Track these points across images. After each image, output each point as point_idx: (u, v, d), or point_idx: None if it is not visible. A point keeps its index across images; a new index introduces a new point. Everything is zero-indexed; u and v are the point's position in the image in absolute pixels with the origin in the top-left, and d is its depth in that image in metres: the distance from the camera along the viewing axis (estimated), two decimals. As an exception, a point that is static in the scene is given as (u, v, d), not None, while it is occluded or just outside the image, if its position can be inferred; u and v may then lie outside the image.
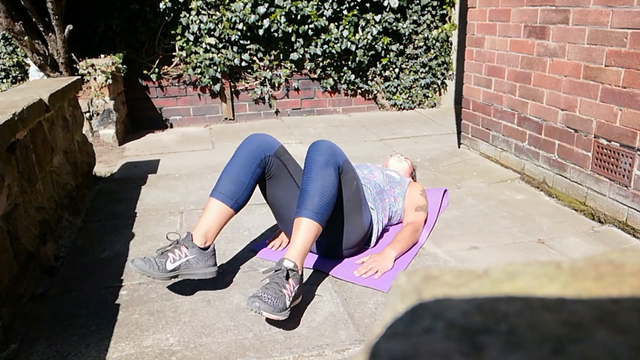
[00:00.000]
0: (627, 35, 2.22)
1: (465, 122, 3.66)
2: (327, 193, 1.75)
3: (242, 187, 1.87)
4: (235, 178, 1.88)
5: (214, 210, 1.85)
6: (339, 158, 1.85)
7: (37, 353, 1.58)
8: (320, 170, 1.77)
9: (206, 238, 1.82)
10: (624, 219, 2.32)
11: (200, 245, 1.80)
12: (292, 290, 1.63)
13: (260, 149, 1.93)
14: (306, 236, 1.71)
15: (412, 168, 2.66)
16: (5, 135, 1.80)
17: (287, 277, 1.63)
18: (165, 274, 1.74)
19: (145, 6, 4.38)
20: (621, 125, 2.30)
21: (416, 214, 2.28)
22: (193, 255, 1.78)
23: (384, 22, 4.79)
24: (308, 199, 1.73)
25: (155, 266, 1.73)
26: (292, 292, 1.63)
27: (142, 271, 1.72)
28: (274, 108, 4.97)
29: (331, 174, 1.78)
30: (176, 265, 1.76)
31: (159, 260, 1.74)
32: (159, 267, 1.73)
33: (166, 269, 1.74)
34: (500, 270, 0.35)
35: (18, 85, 3.90)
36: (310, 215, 1.72)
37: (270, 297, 1.55)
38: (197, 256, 1.79)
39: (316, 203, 1.73)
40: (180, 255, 1.77)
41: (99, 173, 3.33)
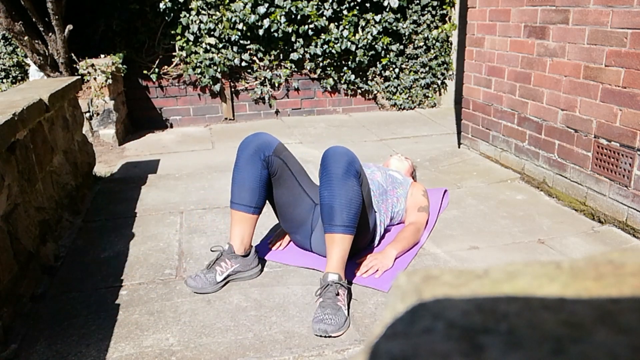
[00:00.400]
0: (627, 35, 2.22)
1: (465, 122, 3.66)
2: (354, 204, 1.79)
3: (254, 193, 1.94)
4: (245, 186, 1.94)
5: (239, 220, 1.95)
6: (357, 164, 1.84)
7: (37, 353, 1.58)
8: (343, 183, 1.78)
9: (244, 245, 1.96)
10: (624, 219, 2.32)
11: (242, 254, 1.95)
12: (344, 299, 1.73)
13: (259, 151, 1.93)
14: (342, 248, 1.79)
15: (412, 168, 2.66)
16: (5, 135, 1.80)
17: (337, 292, 1.72)
18: (217, 286, 1.90)
19: (145, 6, 4.38)
20: (621, 125, 2.30)
21: (418, 214, 2.28)
22: (238, 264, 1.94)
23: (384, 22, 4.79)
24: (337, 216, 1.77)
25: (207, 282, 1.88)
26: (345, 300, 1.73)
27: (197, 289, 1.87)
28: (274, 108, 4.97)
29: (354, 185, 1.80)
30: (225, 276, 1.92)
31: (209, 276, 1.89)
32: (210, 282, 1.88)
33: (217, 281, 1.89)
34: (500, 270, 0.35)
35: (18, 85, 3.90)
36: (342, 230, 1.78)
37: (331, 317, 1.64)
38: (242, 264, 1.95)
39: (345, 217, 1.77)
40: (227, 267, 1.92)
41: (99, 173, 3.33)
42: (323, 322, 1.62)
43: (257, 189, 1.93)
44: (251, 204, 1.93)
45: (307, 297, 1.85)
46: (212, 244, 2.27)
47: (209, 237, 2.35)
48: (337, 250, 1.78)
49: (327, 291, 1.71)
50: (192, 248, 2.25)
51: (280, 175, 1.98)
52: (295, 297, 1.85)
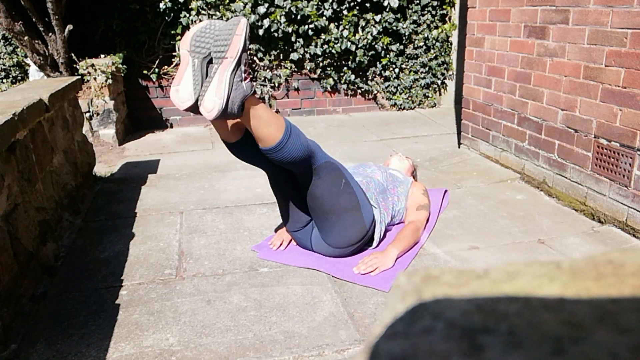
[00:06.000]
0: (627, 35, 2.22)
1: (465, 122, 3.66)
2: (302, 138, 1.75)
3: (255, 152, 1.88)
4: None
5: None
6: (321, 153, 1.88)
7: (37, 353, 1.58)
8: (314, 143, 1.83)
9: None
10: (624, 219, 2.32)
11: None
12: (245, 77, 1.60)
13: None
14: (272, 113, 1.70)
15: (413, 167, 2.66)
16: (5, 135, 1.80)
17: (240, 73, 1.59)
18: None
19: (145, 6, 4.38)
20: (621, 125, 2.30)
21: (418, 213, 2.28)
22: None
23: (384, 22, 4.79)
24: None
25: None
26: (245, 77, 1.59)
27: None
28: (274, 108, 4.97)
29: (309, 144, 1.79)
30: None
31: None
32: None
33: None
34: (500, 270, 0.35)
35: (18, 85, 3.90)
36: (287, 122, 1.72)
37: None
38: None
39: (294, 127, 1.74)
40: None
41: (99, 173, 3.33)
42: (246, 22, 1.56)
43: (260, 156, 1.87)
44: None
45: (307, 297, 1.85)
46: (212, 244, 2.27)
47: (209, 237, 2.35)
48: (270, 111, 1.71)
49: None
50: (192, 248, 2.25)
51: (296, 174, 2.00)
52: (295, 297, 1.85)
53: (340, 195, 1.93)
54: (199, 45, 1.58)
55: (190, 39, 1.59)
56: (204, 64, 1.57)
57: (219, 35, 1.57)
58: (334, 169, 1.91)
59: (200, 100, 1.55)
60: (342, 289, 1.90)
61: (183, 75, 1.59)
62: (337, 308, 1.78)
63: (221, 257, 2.16)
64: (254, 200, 2.81)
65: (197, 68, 1.57)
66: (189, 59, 1.59)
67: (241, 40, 1.53)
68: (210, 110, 1.53)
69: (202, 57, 1.57)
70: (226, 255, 2.18)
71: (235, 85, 1.56)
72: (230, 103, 1.56)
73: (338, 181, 1.92)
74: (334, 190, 1.91)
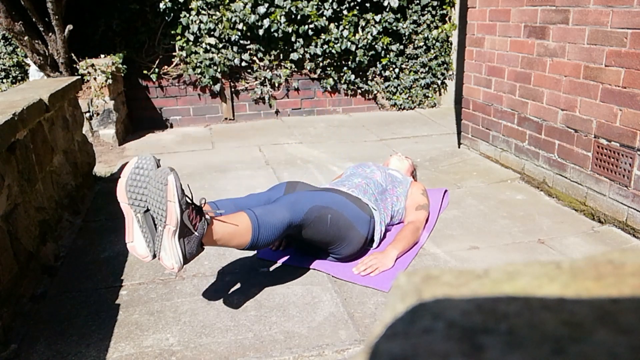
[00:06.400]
0: (627, 35, 2.22)
1: (465, 122, 3.66)
2: (273, 218, 1.69)
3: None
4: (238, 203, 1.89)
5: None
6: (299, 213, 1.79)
7: (37, 353, 1.58)
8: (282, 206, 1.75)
9: None
10: (624, 219, 2.32)
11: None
12: (190, 217, 1.50)
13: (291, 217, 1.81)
14: (234, 222, 1.61)
15: (412, 167, 2.66)
16: (5, 135, 1.80)
17: (195, 209, 1.52)
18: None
19: (145, 6, 4.38)
20: (621, 125, 2.30)
21: (417, 213, 2.28)
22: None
23: (384, 22, 4.79)
24: (259, 209, 1.70)
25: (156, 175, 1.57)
26: (189, 217, 1.49)
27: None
28: (274, 108, 4.97)
29: (285, 216, 1.73)
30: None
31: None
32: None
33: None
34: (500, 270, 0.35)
35: (18, 85, 3.90)
36: (251, 215, 1.65)
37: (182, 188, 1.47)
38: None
39: (261, 214, 1.68)
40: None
41: (99, 173, 3.33)
42: (174, 176, 1.47)
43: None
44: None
45: (307, 297, 1.85)
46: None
47: (209, 237, 2.35)
48: (232, 219, 1.61)
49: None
50: (192, 248, 2.25)
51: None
52: (295, 297, 1.85)
53: (330, 229, 1.90)
54: (136, 197, 1.51)
55: (125, 191, 1.51)
56: (148, 217, 1.50)
57: (150, 186, 1.49)
58: (315, 213, 1.84)
59: (158, 256, 1.49)
60: (342, 289, 1.90)
61: (133, 231, 1.52)
62: (337, 308, 1.78)
63: (221, 257, 2.15)
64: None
65: (142, 223, 1.51)
66: (131, 214, 1.52)
67: (176, 206, 1.44)
68: (172, 268, 1.47)
69: (142, 210, 1.50)
70: (226, 255, 2.17)
71: (186, 241, 1.49)
72: (188, 255, 1.50)
73: (324, 220, 1.88)
74: (323, 229, 1.88)
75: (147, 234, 1.50)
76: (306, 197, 1.87)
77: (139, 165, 1.53)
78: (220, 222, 1.59)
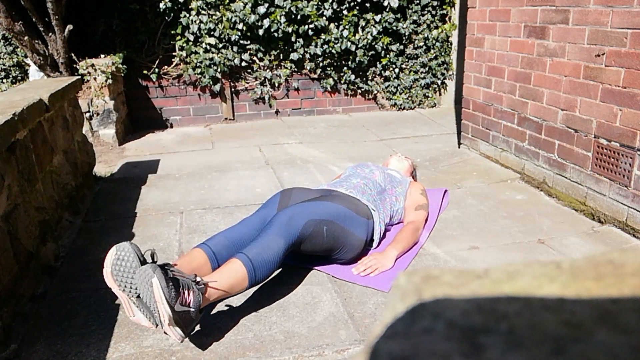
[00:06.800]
0: (627, 35, 2.22)
1: (465, 122, 3.66)
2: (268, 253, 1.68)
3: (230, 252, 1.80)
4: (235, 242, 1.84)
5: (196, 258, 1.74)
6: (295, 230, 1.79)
7: (37, 353, 1.58)
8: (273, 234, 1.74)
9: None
10: (624, 219, 2.32)
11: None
12: (186, 301, 1.48)
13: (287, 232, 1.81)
14: (229, 277, 1.59)
15: (412, 167, 2.66)
16: (5, 135, 1.80)
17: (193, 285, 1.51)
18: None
19: (145, 6, 4.38)
20: (621, 125, 2.30)
21: (416, 213, 2.28)
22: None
23: (384, 22, 4.79)
24: (252, 247, 1.69)
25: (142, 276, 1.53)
26: (185, 302, 1.47)
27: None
28: (274, 108, 4.97)
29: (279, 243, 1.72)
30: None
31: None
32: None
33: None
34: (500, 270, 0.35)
35: (18, 85, 3.90)
36: (245, 260, 1.64)
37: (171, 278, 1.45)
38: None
39: (254, 253, 1.67)
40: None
41: (99, 173, 3.33)
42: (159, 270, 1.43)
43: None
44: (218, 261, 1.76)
45: (307, 297, 1.85)
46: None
47: (209, 237, 2.35)
48: (224, 275, 1.59)
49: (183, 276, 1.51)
50: (192, 248, 2.25)
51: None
52: (295, 297, 1.85)
53: (327, 240, 1.91)
54: (125, 285, 1.50)
55: (113, 280, 1.51)
56: (142, 300, 1.49)
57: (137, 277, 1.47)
58: (310, 228, 1.84)
59: (163, 329, 1.48)
60: (342, 289, 1.90)
61: (132, 309, 1.52)
62: (337, 308, 1.78)
63: (221, 257, 2.15)
64: (254, 200, 2.81)
65: (139, 304, 1.50)
66: (126, 298, 1.51)
67: (165, 307, 1.41)
68: (178, 338, 1.48)
69: (135, 296, 1.50)
70: (226, 255, 2.17)
71: (185, 321, 1.47)
72: (189, 328, 1.50)
73: (321, 233, 1.88)
74: (320, 242, 1.89)
75: (146, 312, 1.50)
76: (300, 213, 1.85)
77: (120, 257, 1.52)
78: (214, 285, 1.56)
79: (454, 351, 0.26)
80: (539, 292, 0.32)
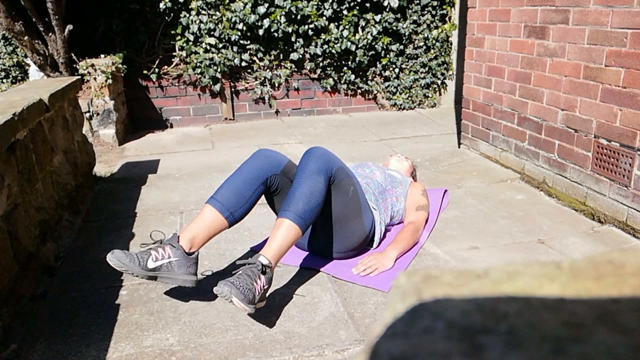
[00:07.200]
0: (627, 35, 2.22)
1: (465, 122, 3.66)
2: (314, 199, 1.74)
3: (242, 201, 1.82)
4: (237, 190, 1.83)
5: (207, 217, 1.78)
6: (332, 165, 1.85)
7: (37, 353, 1.58)
8: (310, 177, 1.78)
9: (192, 243, 1.75)
10: (624, 219, 2.32)
11: (186, 249, 1.73)
12: (262, 287, 1.58)
13: (268, 168, 1.91)
14: (285, 237, 1.68)
15: (412, 168, 2.66)
16: (5, 135, 1.80)
17: (261, 272, 1.60)
18: (145, 271, 1.65)
19: (145, 6, 4.38)
20: (621, 125, 2.30)
21: (417, 214, 2.28)
22: (176, 258, 1.70)
23: (384, 22, 4.79)
24: (293, 202, 1.73)
25: (136, 261, 1.64)
26: (262, 288, 1.58)
27: (121, 264, 1.63)
28: (274, 108, 4.97)
29: (320, 182, 1.78)
30: (158, 264, 1.67)
31: (141, 257, 1.66)
32: (139, 262, 1.64)
33: (147, 266, 1.65)
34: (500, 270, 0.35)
35: (18, 85, 3.90)
36: (292, 217, 1.70)
37: (242, 286, 1.50)
38: (180, 260, 1.70)
39: (300, 207, 1.72)
40: (164, 255, 1.69)
41: (99, 173, 3.33)
42: (232, 284, 1.49)
43: (247, 198, 1.84)
44: (232, 208, 1.80)
45: (307, 297, 1.85)
46: (212, 244, 2.26)
47: (209, 237, 2.35)
48: (280, 237, 1.67)
49: (249, 268, 1.59)
50: (192, 248, 2.25)
51: (283, 190, 1.99)
52: (296, 297, 1.85)
53: (347, 204, 1.95)
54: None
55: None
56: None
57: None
58: (342, 175, 1.91)
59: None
60: (342, 289, 1.90)
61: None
62: (337, 308, 1.78)
63: (221, 257, 2.15)
64: (254, 200, 2.80)
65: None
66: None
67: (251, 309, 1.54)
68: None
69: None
70: (226, 255, 2.17)
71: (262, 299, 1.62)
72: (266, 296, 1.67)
73: (347, 189, 1.94)
74: (342, 198, 1.93)
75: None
76: (334, 156, 1.92)
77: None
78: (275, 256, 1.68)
79: (454, 351, 0.26)
80: (539, 292, 0.32)
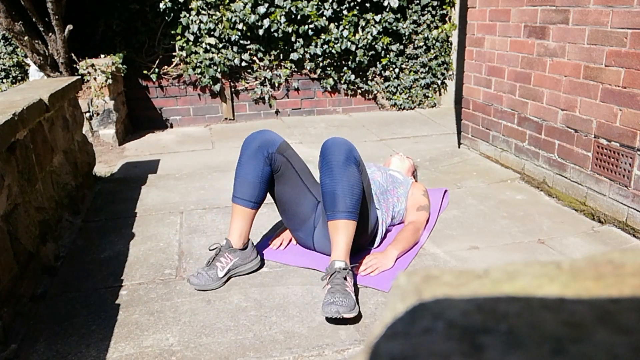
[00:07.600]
0: (627, 35, 2.22)
1: (465, 122, 3.66)
2: (356, 190, 1.83)
3: (255, 188, 1.97)
4: (247, 180, 1.98)
5: (239, 214, 1.99)
6: (356, 153, 1.90)
7: (37, 353, 1.58)
8: (344, 170, 1.83)
9: (242, 239, 1.99)
10: (624, 219, 2.32)
11: (240, 247, 1.98)
12: (352, 286, 1.75)
13: (263, 147, 1.97)
14: (347, 234, 1.81)
15: (413, 167, 2.66)
16: (5, 135, 1.80)
17: (345, 276, 1.75)
18: (220, 281, 1.92)
19: (145, 6, 4.38)
20: (621, 125, 2.30)
21: (418, 214, 2.28)
22: (237, 258, 1.96)
23: (384, 22, 4.79)
24: (340, 201, 1.80)
25: (209, 279, 1.90)
26: (352, 287, 1.75)
27: (200, 286, 1.89)
28: (274, 108, 4.97)
29: (354, 172, 1.84)
30: (226, 270, 1.94)
31: (211, 272, 1.91)
32: (212, 278, 1.90)
33: (218, 277, 1.91)
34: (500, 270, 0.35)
35: (18, 85, 3.90)
36: (345, 216, 1.81)
37: (342, 299, 1.65)
38: (241, 257, 1.98)
39: (348, 203, 1.80)
40: (227, 262, 1.95)
41: (99, 173, 3.33)
42: (334, 304, 1.63)
43: (258, 184, 1.96)
44: (251, 198, 1.97)
45: (307, 297, 1.85)
46: (212, 244, 2.26)
47: (209, 237, 2.35)
48: (342, 237, 1.80)
49: (334, 278, 1.74)
50: (192, 248, 2.25)
51: (283, 172, 2.00)
52: (295, 297, 1.85)
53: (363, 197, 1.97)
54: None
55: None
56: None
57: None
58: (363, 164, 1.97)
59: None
60: (342, 289, 1.89)
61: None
62: (337, 308, 1.78)
63: (221, 257, 2.15)
64: (254, 200, 2.80)
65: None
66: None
67: (353, 315, 1.68)
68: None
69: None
70: (226, 255, 2.17)
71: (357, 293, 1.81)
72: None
73: (365, 178, 1.97)
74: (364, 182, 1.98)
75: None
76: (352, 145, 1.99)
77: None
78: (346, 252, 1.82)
79: (454, 351, 0.26)
80: (539, 292, 0.32)
